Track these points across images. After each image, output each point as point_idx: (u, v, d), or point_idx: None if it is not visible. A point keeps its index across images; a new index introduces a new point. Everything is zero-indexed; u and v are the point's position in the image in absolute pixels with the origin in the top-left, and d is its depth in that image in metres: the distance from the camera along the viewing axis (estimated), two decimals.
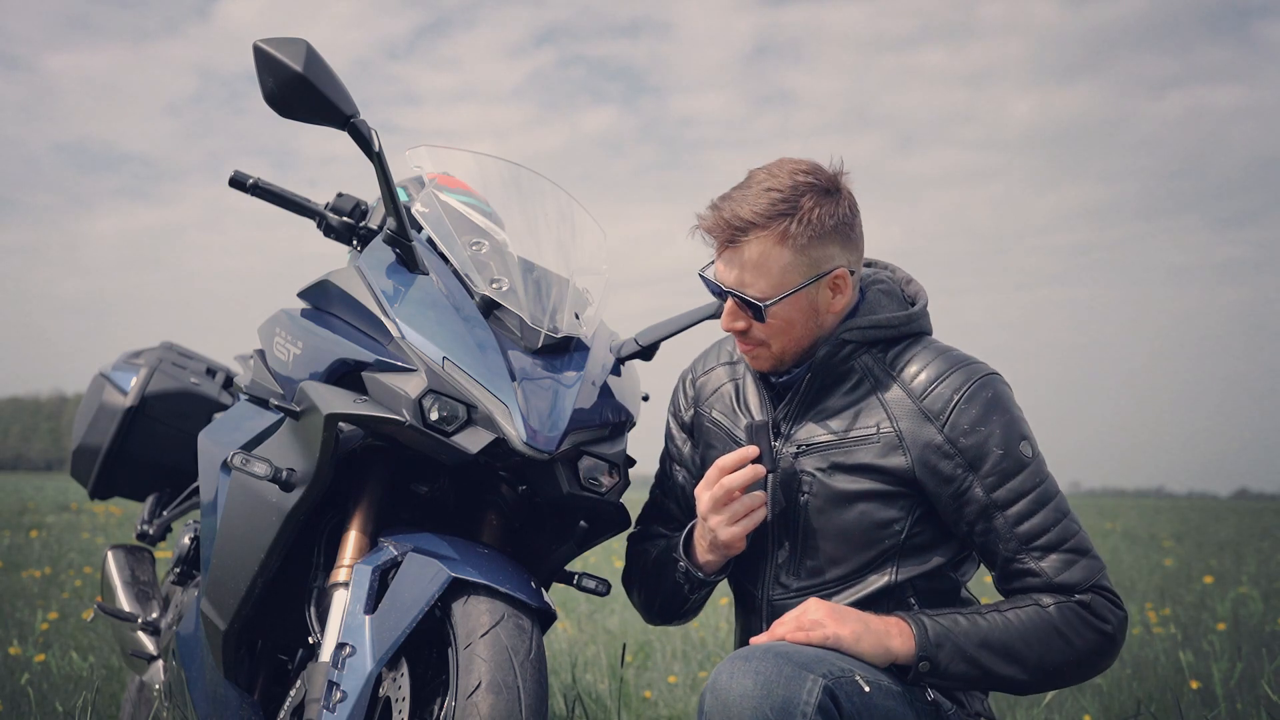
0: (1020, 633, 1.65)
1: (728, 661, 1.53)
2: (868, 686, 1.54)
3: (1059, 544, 1.69)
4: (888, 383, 1.77)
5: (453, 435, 1.69)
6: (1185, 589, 7.28)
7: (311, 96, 1.75)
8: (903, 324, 1.81)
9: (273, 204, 2.04)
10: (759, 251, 1.73)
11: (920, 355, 1.78)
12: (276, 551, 1.79)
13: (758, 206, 1.72)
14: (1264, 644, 4.65)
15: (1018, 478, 1.70)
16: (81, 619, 4.76)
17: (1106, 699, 3.62)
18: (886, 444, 1.74)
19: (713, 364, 2.01)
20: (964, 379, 1.73)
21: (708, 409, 1.97)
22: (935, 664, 1.63)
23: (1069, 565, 1.69)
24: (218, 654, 1.88)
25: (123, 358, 3.02)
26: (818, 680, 1.49)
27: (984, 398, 1.72)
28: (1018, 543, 1.70)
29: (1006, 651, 1.65)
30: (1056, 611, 1.67)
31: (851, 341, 1.79)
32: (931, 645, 1.63)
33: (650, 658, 4.50)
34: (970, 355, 1.79)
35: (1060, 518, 1.70)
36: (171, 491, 3.06)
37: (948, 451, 1.71)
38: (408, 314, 1.81)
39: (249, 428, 2.02)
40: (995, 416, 1.71)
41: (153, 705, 2.50)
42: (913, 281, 1.92)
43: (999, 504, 1.70)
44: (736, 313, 1.79)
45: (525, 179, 2.14)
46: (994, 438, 1.70)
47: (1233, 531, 16.45)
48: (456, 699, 1.54)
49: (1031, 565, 1.69)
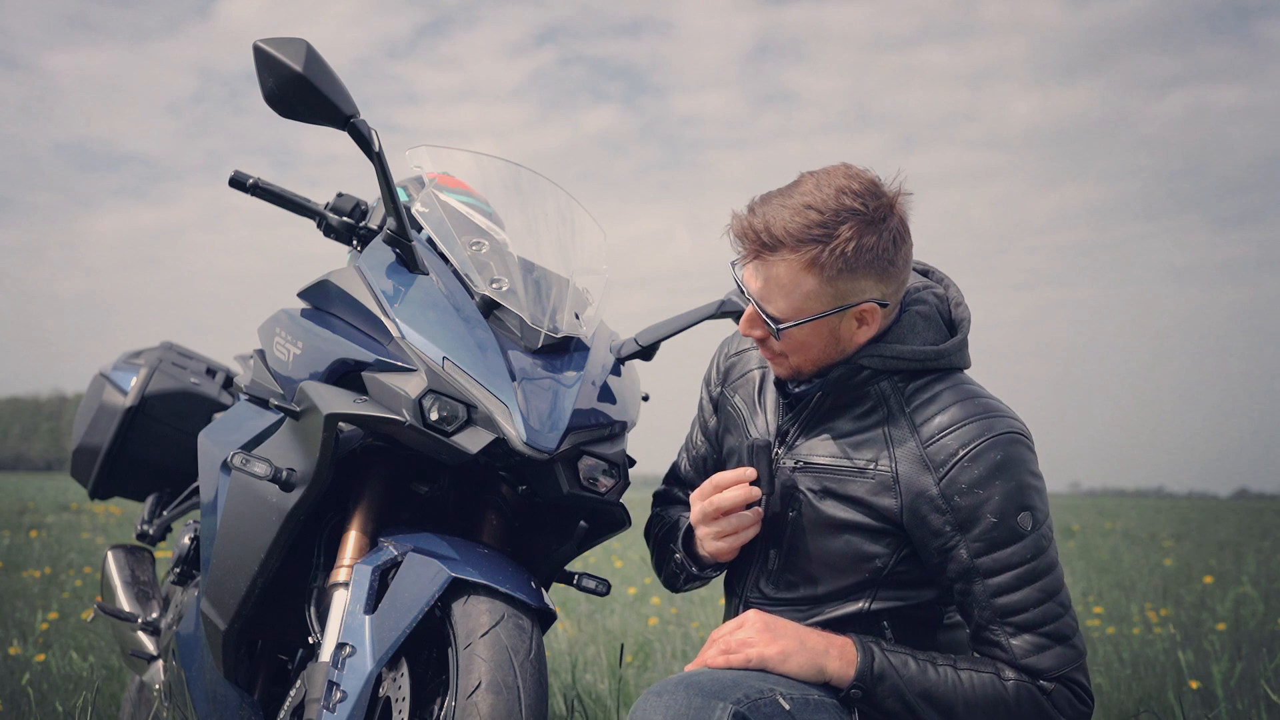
0: (967, 696, 1.58)
1: (644, 696, 1.51)
2: (788, 704, 1.50)
3: (1036, 625, 1.60)
4: (899, 419, 1.67)
5: (453, 435, 1.69)
6: (1185, 589, 7.28)
7: (311, 96, 1.75)
8: (929, 359, 1.69)
9: (273, 204, 2.04)
10: (784, 273, 1.62)
11: (941, 396, 1.66)
12: (276, 551, 1.78)
13: (792, 226, 1.59)
14: (1264, 644, 4.65)
15: (1007, 549, 1.59)
16: (81, 619, 4.76)
17: (1106, 699, 3.62)
18: (880, 483, 1.65)
19: (748, 345, 1.95)
20: (976, 434, 1.61)
21: (732, 391, 1.94)
22: (869, 695, 1.58)
23: (1041, 650, 1.60)
24: (218, 654, 1.88)
25: (123, 358, 3.02)
26: (726, 707, 1.44)
27: (991, 459, 1.59)
28: (993, 613, 1.61)
29: (946, 710, 1.58)
30: (1014, 688, 1.59)
31: (868, 368, 1.69)
32: (872, 676, 1.57)
33: (650, 658, 4.50)
34: (997, 406, 1.66)
35: (1044, 599, 1.60)
36: (171, 491, 3.06)
37: (940, 507, 1.61)
38: (408, 314, 1.81)
39: (249, 428, 2.02)
40: (999, 481, 1.59)
41: (153, 705, 2.50)
42: (962, 304, 1.78)
43: (981, 571, 1.60)
44: (755, 320, 1.70)
45: (525, 179, 2.14)
46: (991, 503, 1.59)
47: (1233, 531, 16.45)
48: (456, 699, 1.54)
49: (1001, 640, 1.61)
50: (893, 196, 1.63)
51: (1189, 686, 3.64)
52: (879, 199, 1.61)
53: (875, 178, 1.64)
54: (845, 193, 1.60)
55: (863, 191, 1.61)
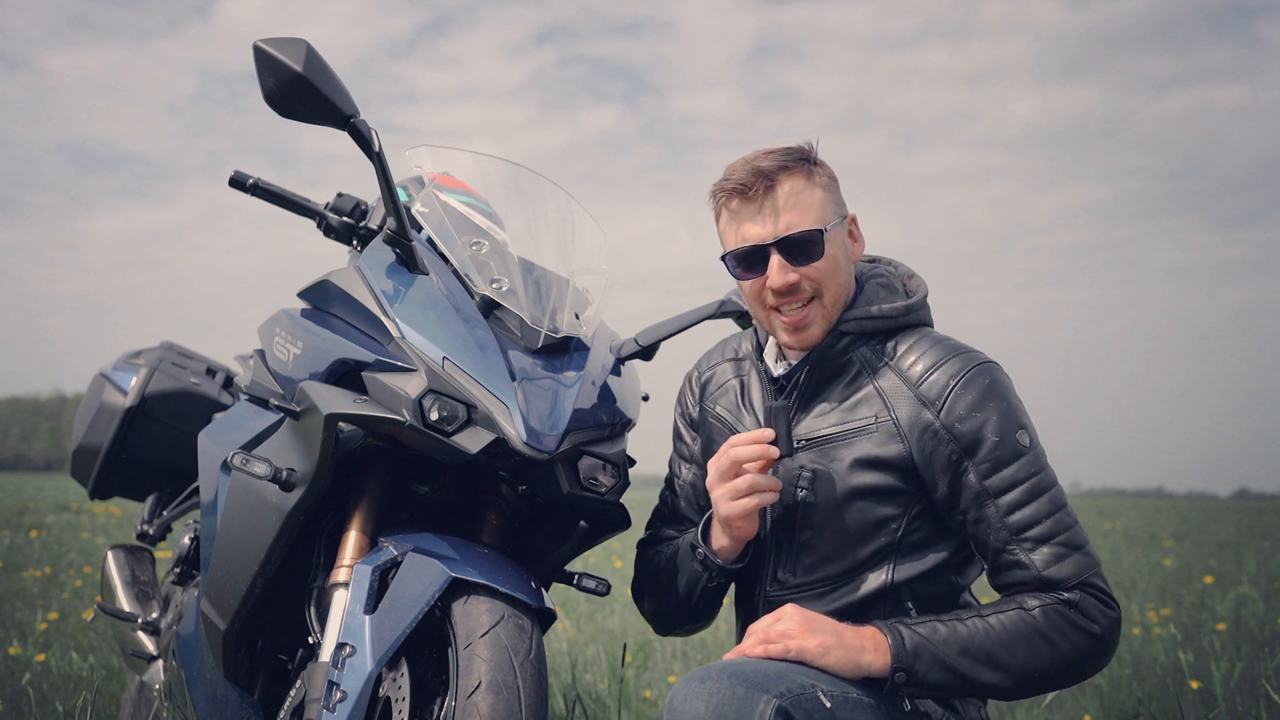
0: (1002, 638, 1.61)
1: (684, 681, 1.51)
2: (829, 701, 1.51)
3: (1051, 536, 1.65)
4: (885, 372, 1.76)
5: (453, 435, 1.69)
6: (1185, 589, 7.29)
7: (311, 96, 1.75)
8: (900, 315, 1.80)
9: (273, 204, 2.04)
10: (794, 188, 1.75)
11: (917, 344, 1.77)
12: (276, 551, 1.78)
13: (774, 158, 1.76)
14: (1264, 644, 4.65)
15: (1012, 466, 1.67)
16: (81, 619, 4.76)
17: (1106, 699, 3.62)
18: (885, 433, 1.72)
19: (718, 360, 2.01)
20: (961, 366, 1.72)
21: (712, 404, 1.97)
22: (912, 675, 1.59)
23: (1059, 559, 1.65)
24: (218, 654, 1.88)
25: (123, 358, 3.02)
26: (770, 701, 1.45)
27: (981, 384, 1.70)
28: (1008, 533, 1.66)
29: (988, 658, 1.61)
30: (1041, 615, 1.63)
31: (849, 333, 1.78)
32: (908, 655, 1.59)
33: (650, 658, 4.50)
34: (967, 344, 1.78)
35: (1054, 510, 1.67)
36: (171, 491, 3.06)
37: (944, 437, 1.68)
38: (408, 314, 1.80)
39: (249, 428, 2.02)
40: (992, 403, 1.69)
41: (153, 705, 2.50)
42: (914, 276, 1.91)
43: (991, 491, 1.67)
44: (785, 265, 1.74)
45: (525, 179, 2.14)
46: (990, 424, 1.68)
47: (1233, 531, 16.45)
48: (456, 699, 1.53)
49: (1021, 557, 1.66)
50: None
51: (1189, 686, 3.64)
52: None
53: None
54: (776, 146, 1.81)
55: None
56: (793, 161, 1.76)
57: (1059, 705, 3.57)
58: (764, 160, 1.76)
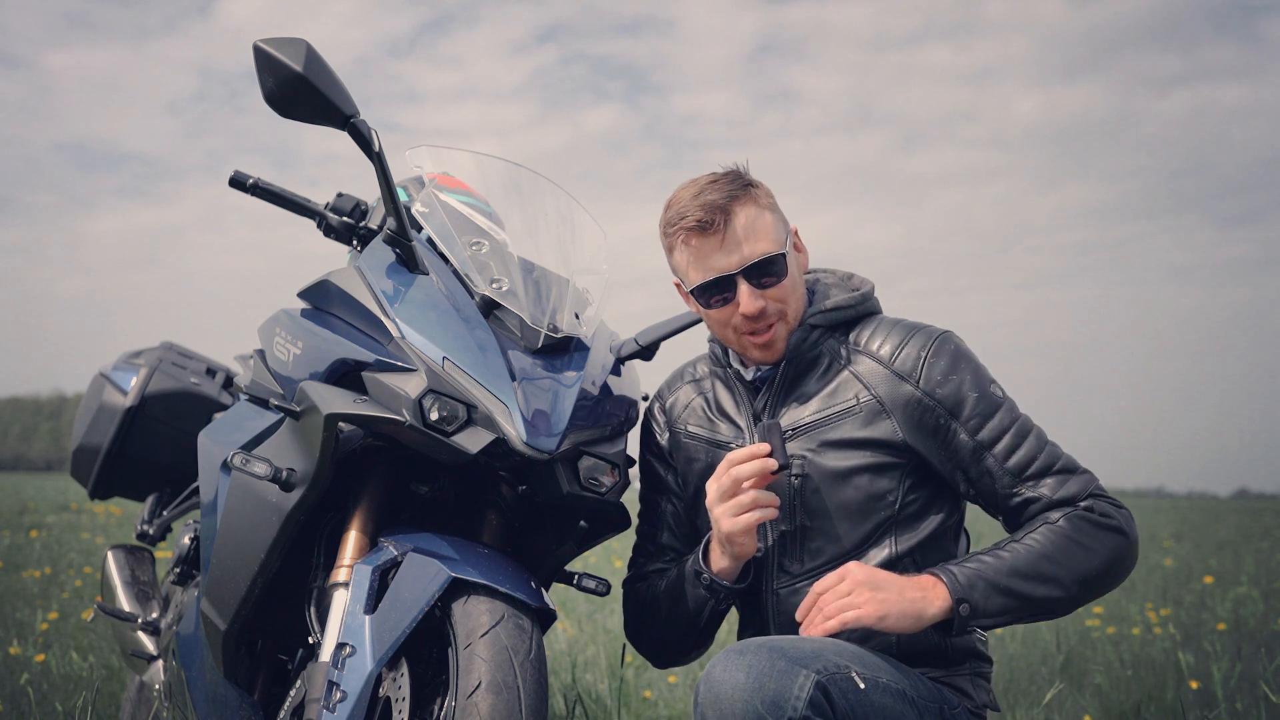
0: (1042, 552, 1.70)
1: (723, 654, 1.54)
2: (863, 684, 1.56)
3: (1049, 468, 1.78)
4: (856, 358, 1.86)
5: (453, 435, 1.69)
6: (1185, 589, 7.29)
7: (311, 96, 1.75)
8: (858, 304, 1.92)
9: (273, 204, 2.04)
10: (749, 216, 1.82)
11: (879, 329, 1.88)
12: (276, 551, 1.78)
13: (720, 188, 1.82)
14: (1264, 644, 4.65)
15: (995, 417, 1.79)
16: (81, 619, 4.76)
17: (1106, 699, 3.62)
18: (870, 411, 1.81)
19: (678, 385, 2.05)
20: (926, 338, 1.83)
21: (682, 425, 2.00)
22: (974, 605, 1.67)
23: (1064, 483, 1.77)
24: (218, 654, 1.88)
25: (123, 358, 3.02)
26: (810, 675, 1.50)
27: (948, 350, 1.82)
28: (1011, 477, 1.78)
29: (1036, 574, 1.69)
30: (1066, 524, 1.73)
31: (818, 326, 1.88)
32: (964, 588, 1.67)
33: None
34: (922, 321, 1.89)
35: (1044, 445, 1.80)
36: (171, 491, 3.06)
37: (928, 405, 1.79)
38: (408, 314, 1.81)
39: (249, 428, 2.02)
40: (962, 364, 1.81)
41: (153, 705, 2.50)
42: (854, 275, 2.01)
43: (985, 444, 1.79)
44: (754, 292, 1.82)
45: (525, 179, 2.14)
46: (966, 383, 1.80)
47: (1233, 531, 16.45)
48: (456, 699, 1.54)
49: (1030, 494, 1.78)
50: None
51: (1189, 686, 3.64)
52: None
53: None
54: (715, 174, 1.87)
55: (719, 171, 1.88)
56: (739, 189, 1.83)
57: (1058, 705, 3.57)
58: (711, 193, 1.82)
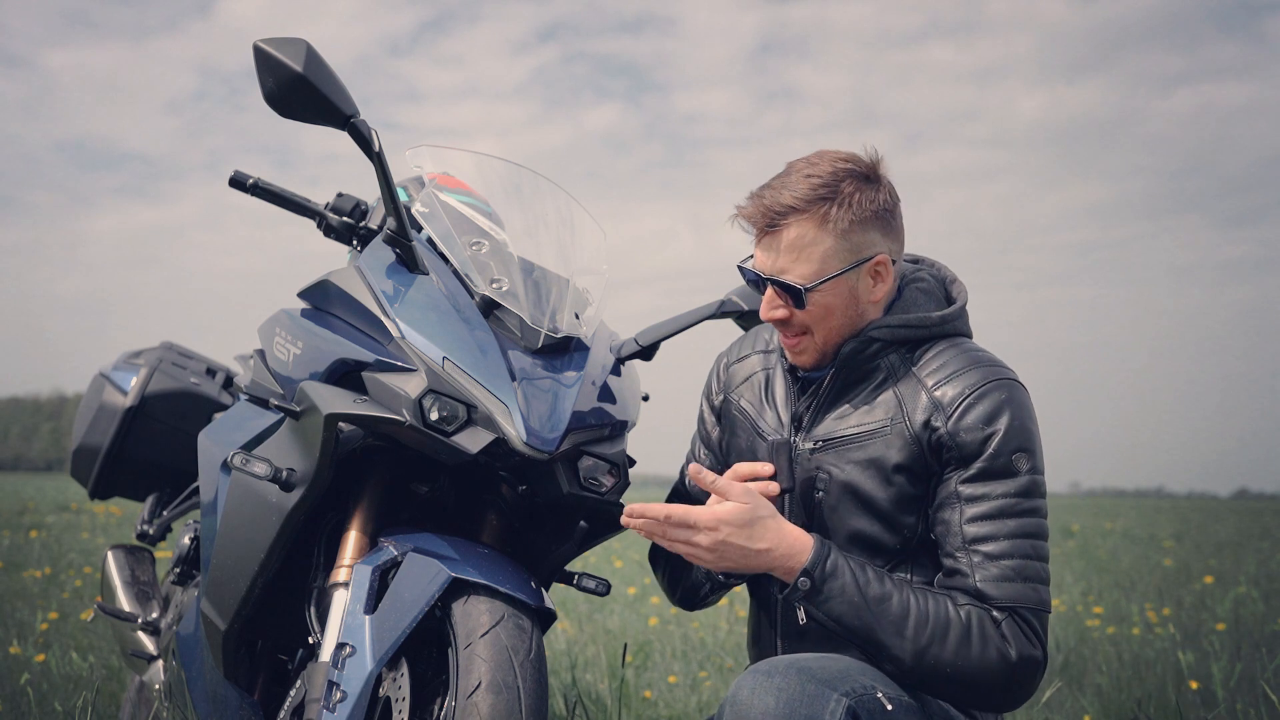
0: (917, 613, 1.59)
1: (749, 675, 1.50)
2: (890, 705, 1.52)
3: (1001, 557, 1.61)
4: (908, 379, 1.73)
5: (453, 435, 1.69)
6: (1185, 589, 7.28)
7: (311, 96, 1.75)
8: (934, 325, 1.76)
9: (273, 204, 2.04)
10: (798, 235, 1.70)
11: (945, 352, 1.74)
12: (276, 551, 1.79)
13: (798, 192, 1.70)
14: (1264, 644, 4.65)
15: (995, 483, 1.64)
16: (81, 619, 4.76)
17: (1106, 699, 3.62)
18: (898, 436, 1.69)
19: (748, 351, 1.98)
20: (980, 378, 1.68)
21: (737, 396, 1.95)
22: (816, 588, 1.60)
23: (1001, 580, 1.60)
24: (218, 654, 1.88)
25: (123, 358, 3.02)
26: (841, 699, 1.46)
27: (996, 398, 1.66)
28: (961, 539, 1.63)
29: (896, 621, 1.58)
30: (965, 614, 1.59)
31: (878, 340, 1.75)
32: (824, 572, 1.60)
33: (650, 658, 4.50)
34: (999, 359, 1.74)
35: (1018, 537, 1.62)
36: (171, 491, 3.06)
37: (946, 443, 1.66)
38: (408, 314, 1.81)
39: (249, 428, 2.02)
40: (1003, 418, 1.65)
41: (153, 705, 2.50)
42: (957, 281, 1.87)
43: (963, 497, 1.64)
44: (775, 300, 1.75)
45: (525, 179, 2.14)
46: (992, 439, 1.64)
47: (1233, 531, 16.45)
48: (456, 699, 1.54)
49: (963, 564, 1.62)
50: (873, 162, 1.77)
51: (1189, 686, 3.64)
52: (865, 162, 1.76)
53: (854, 152, 1.78)
54: (837, 160, 1.74)
55: (850, 158, 1.75)
56: (815, 202, 1.70)
57: (1058, 705, 3.57)
58: (786, 194, 1.71)
